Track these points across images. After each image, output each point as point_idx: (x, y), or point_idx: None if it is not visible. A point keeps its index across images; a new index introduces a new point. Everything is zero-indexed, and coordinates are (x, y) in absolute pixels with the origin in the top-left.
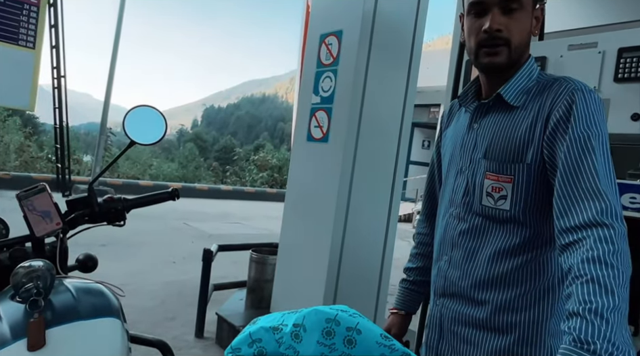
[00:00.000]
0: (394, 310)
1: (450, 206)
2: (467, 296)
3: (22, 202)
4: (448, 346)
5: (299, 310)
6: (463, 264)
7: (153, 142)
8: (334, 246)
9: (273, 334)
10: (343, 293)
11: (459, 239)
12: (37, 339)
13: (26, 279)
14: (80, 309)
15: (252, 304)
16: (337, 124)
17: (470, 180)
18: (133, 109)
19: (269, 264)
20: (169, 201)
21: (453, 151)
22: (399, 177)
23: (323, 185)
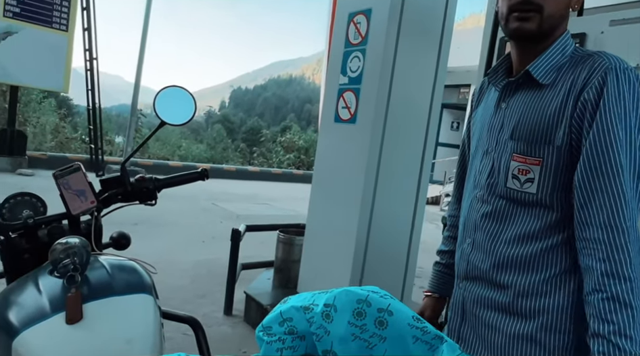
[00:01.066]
0: (428, 293)
1: (474, 188)
2: (490, 279)
3: (58, 181)
4: (470, 329)
5: (329, 291)
6: (486, 248)
7: (183, 122)
8: (361, 227)
9: (304, 314)
10: (370, 275)
11: (482, 221)
12: (75, 313)
13: (63, 255)
14: (115, 285)
15: (280, 284)
16: (365, 105)
17: (496, 162)
18: (163, 89)
19: (296, 244)
20: (199, 181)
21: (481, 132)
22: (427, 159)
23: (350, 166)
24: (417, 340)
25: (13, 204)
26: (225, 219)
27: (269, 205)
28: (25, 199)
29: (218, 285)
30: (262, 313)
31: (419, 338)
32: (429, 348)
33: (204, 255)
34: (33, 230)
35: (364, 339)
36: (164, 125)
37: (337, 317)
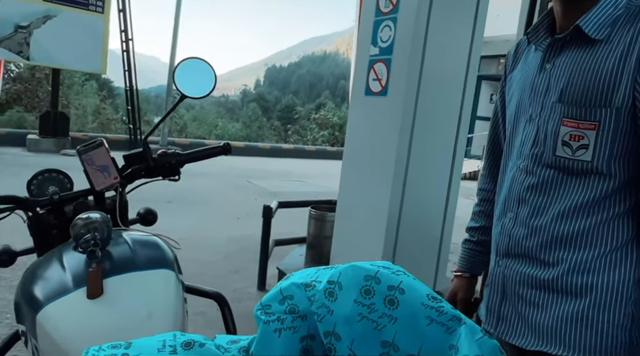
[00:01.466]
0: (458, 273)
1: (517, 158)
2: (534, 256)
3: (82, 157)
4: (511, 309)
5: (335, 266)
6: (531, 222)
7: (203, 95)
8: (393, 203)
9: (305, 291)
10: (402, 250)
11: (527, 194)
12: (95, 288)
13: (84, 230)
14: (137, 260)
15: (312, 260)
16: (396, 76)
17: (541, 128)
18: (183, 61)
19: (328, 221)
20: (221, 155)
21: (521, 97)
22: (463, 132)
23: (381, 140)
24: (432, 321)
25: (40, 180)
26: (259, 196)
27: (303, 182)
28: (52, 176)
29: (252, 262)
30: None
31: (434, 319)
32: (445, 331)
33: (238, 232)
34: (59, 206)
35: (372, 320)
36: (184, 98)
37: (342, 295)
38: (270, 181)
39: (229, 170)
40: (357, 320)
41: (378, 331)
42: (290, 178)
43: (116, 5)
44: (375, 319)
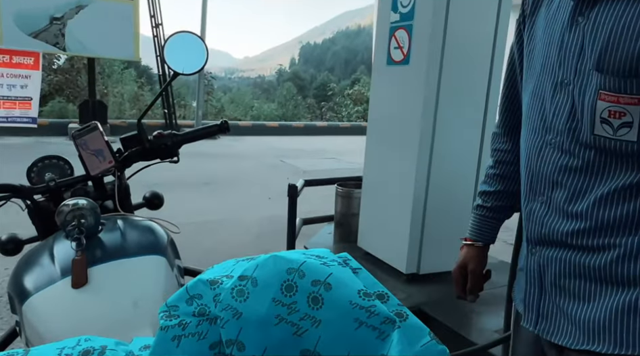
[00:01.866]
0: (469, 242)
1: (545, 131)
2: (576, 243)
3: (76, 141)
4: (552, 303)
5: (256, 257)
6: (570, 209)
7: (195, 71)
8: (419, 176)
9: (211, 289)
10: (432, 224)
11: (563, 176)
12: (79, 277)
13: (70, 217)
14: (126, 247)
15: (341, 238)
16: (418, 43)
17: (577, 99)
18: (172, 36)
19: (355, 197)
20: (219, 134)
21: (547, 54)
22: (493, 100)
23: (405, 111)
24: (361, 324)
25: (40, 167)
26: (292, 175)
27: (337, 159)
28: (52, 163)
29: (282, 241)
30: None
31: (363, 321)
32: (377, 336)
33: (270, 211)
34: (58, 193)
35: (292, 323)
36: (177, 76)
37: (257, 293)
38: (304, 160)
39: (264, 150)
40: (274, 323)
41: (298, 338)
42: (324, 156)
43: None
44: (295, 321)
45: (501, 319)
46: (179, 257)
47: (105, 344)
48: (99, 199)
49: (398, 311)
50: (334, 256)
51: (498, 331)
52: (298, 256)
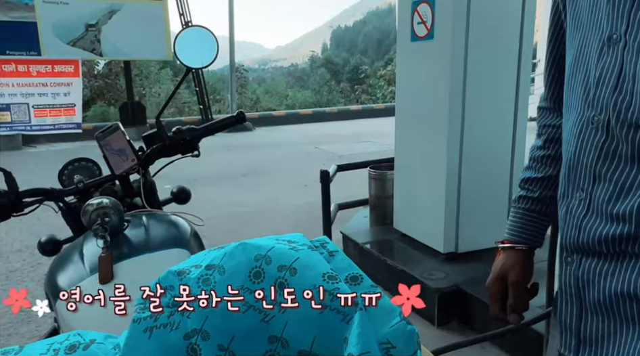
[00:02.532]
0: (508, 244)
1: (587, 106)
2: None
3: (100, 143)
4: (597, 328)
5: (225, 246)
6: (614, 207)
7: (207, 64)
8: (451, 154)
9: (179, 280)
10: (468, 202)
11: (604, 166)
12: (105, 273)
13: (94, 216)
14: (150, 242)
15: (376, 222)
16: (442, 16)
17: (628, 62)
18: (183, 31)
19: (388, 179)
20: (236, 124)
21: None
22: (524, 71)
23: (432, 88)
24: (325, 307)
25: (70, 170)
26: (328, 161)
27: (372, 142)
28: (82, 165)
29: (320, 227)
30: (359, 251)
31: (327, 304)
32: (342, 319)
33: (306, 198)
34: (87, 193)
35: (259, 309)
36: (190, 71)
37: (224, 281)
38: (339, 145)
39: (299, 138)
40: (242, 311)
41: (265, 324)
42: (359, 139)
43: None
44: (262, 308)
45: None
46: (204, 249)
47: (93, 338)
48: (126, 197)
49: (370, 292)
50: (306, 240)
51: (541, 307)
52: (267, 242)
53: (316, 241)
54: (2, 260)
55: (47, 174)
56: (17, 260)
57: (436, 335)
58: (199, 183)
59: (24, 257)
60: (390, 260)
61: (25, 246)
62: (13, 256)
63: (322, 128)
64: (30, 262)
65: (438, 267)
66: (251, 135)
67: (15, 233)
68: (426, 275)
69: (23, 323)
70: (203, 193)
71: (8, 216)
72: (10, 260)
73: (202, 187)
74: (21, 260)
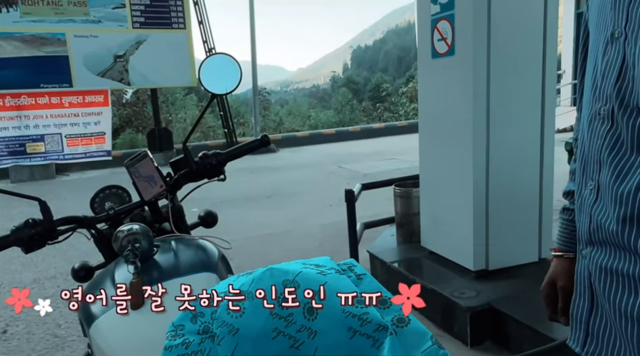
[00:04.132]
0: (558, 252)
1: (595, 99)
2: (627, 244)
3: (129, 170)
4: (605, 322)
5: (253, 271)
6: (617, 190)
7: (230, 90)
8: (477, 169)
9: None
10: (497, 217)
11: (607, 153)
12: (136, 298)
13: (125, 242)
14: (179, 266)
15: (403, 240)
16: (462, 32)
17: (630, 53)
18: (207, 59)
19: (414, 197)
20: (261, 147)
21: (601, 6)
22: (550, 79)
23: (455, 104)
24: (355, 333)
25: (102, 197)
26: (352, 180)
27: (396, 159)
28: (112, 192)
29: (346, 246)
30: (386, 270)
31: (357, 330)
32: (372, 344)
33: (331, 218)
34: (118, 220)
35: (289, 335)
36: (214, 98)
37: (254, 307)
38: (362, 163)
39: (322, 158)
40: (272, 337)
41: (296, 350)
42: (383, 157)
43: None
44: (292, 334)
45: None
46: (232, 272)
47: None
48: (155, 222)
49: (400, 316)
50: (334, 264)
51: None
52: (295, 266)
53: (344, 264)
54: (37, 287)
55: (79, 201)
56: (51, 287)
57: (469, 355)
58: (225, 205)
59: (58, 284)
60: (419, 279)
61: (59, 272)
62: (47, 283)
63: (345, 147)
64: (63, 288)
65: (469, 285)
66: (275, 156)
67: (50, 259)
68: (457, 294)
69: (57, 348)
70: (230, 215)
71: (43, 245)
72: (45, 287)
73: (228, 209)
74: (55, 287)
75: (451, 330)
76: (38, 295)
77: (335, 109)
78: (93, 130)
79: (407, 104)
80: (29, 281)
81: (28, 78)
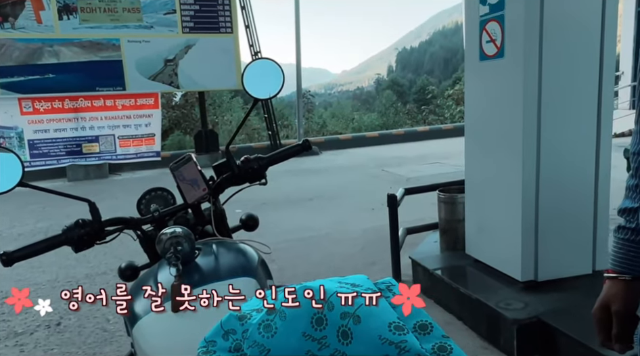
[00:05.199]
0: (612, 274)
1: None
2: None
3: (174, 173)
4: None
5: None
6: None
7: (273, 95)
8: (527, 176)
9: (240, 325)
10: (547, 228)
11: None
12: (177, 301)
13: (167, 245)
14: (219, 270)
15: (447, 247)
16: (512, 33)
17: None
18: (250, 63)
19: (459, 203)
20: (303, 152)
21: None
22: (607, 81)
23: (504, 108)
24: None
25: (147, 199)
26: (394, 184)
27: (440, 163)
28: (158, 194)
29: (388, 252)
30: (429, 277)
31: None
32: None
33: (373, 222)
34: (162, 222)
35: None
36: (257, 101)
37: (286, 327)
38: (406, 167)
39: (365, 161)
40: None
41: None
42: (426, 161)
43: (242, 22)
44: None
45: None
46: (271, 277)
47: None
48: (198, 225)
49: (441, 344)
50: (370, 283)
51: None
52: (330, 285)
53: (382, 283)
54: (89, 282)
55: (130, 199)
56: (102, 283)
57: None
58: (267, 207)
59: (108, 280)
60: (463, 288)
61: (110, 268)
62: (98, 279)
63: (388, 150)
64: (112, 284)
65: (516, 296)
66: (317, 159)
67: (101, 256)
68: (503, 305)
69: (106, 342)
70: (272, 218)
71: (92, 244)
72: (96, 282)
73: (270, 211)
74: (105, 283)
75: (497, 343)
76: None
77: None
78: (144, 131)
79: (453, 107)
80: (82, 277)
81: (85, 82)
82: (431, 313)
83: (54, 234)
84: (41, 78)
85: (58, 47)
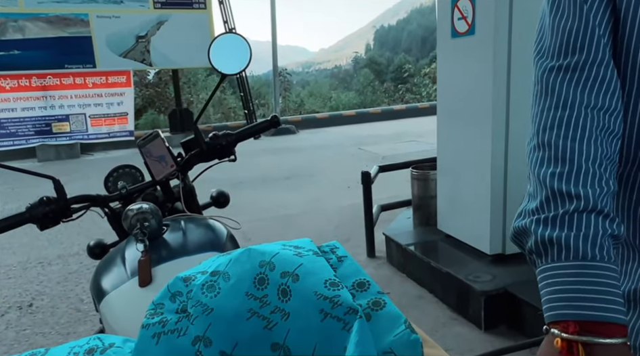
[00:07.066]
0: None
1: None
2: None
3: (141, 150)
4: None
5: (233, 251)
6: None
7: (240, 70)
8: (496, 153)
9: (185, 286)
10: (514, 202)
11: None
12: (144, 276)
13: (134, 221)
14: (187, 245)
15: (420, 222)
16: (483, 10)
17: None
18: (217, 38)
19: (431, 180)
20: (271, 129)
21: None
22: None
23: (475, 84)
24: (327, 315)
25: (115, 176)
26: (371, 162)
27: (416, 141)
28: (126, 171)
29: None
30: (402, 253)
31: (328, 312)
32: (342, 327)
33: (349, 200)
34: (130, 199)
35: (263, 316)
36: (225, 77)
37: (229, 287)
38: (382, 145)
39: (342, 139)
40: (246, 318)
41: (269, 331)
42: (403, 139)
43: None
44: (266, 315)
45: None
46: None
47: (112, 342)
48: (167, 202)
49: (375, 300)
50: (313, 245)
51: None
52: (273, 247)
53: (326, 246)
54: (62, 263)
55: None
56: (75, 263)
57: (482, 339)
58: (244, 186)
59: (81, 260)
60: (435, 262)
61: (82, 249)
62: (71, 259)
63: (365, 128)
64: (86, 264)
65: (485, 269)
66: (295, 138)
67: (75, 237)
68: (472, 278)
69: (80, 322)
70: (248, 197)
71: (57, 222)
72: (69, 263)
73: (247, 190)
74: (78, 263)
75: (465, 314)
76: (63, 271)
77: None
78: (116, 110)
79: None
80: (54, 257)
81: (52, 59)
82: (404, 286)
83: (18, 212)
84: (6, 54)
85: (23, 22)
